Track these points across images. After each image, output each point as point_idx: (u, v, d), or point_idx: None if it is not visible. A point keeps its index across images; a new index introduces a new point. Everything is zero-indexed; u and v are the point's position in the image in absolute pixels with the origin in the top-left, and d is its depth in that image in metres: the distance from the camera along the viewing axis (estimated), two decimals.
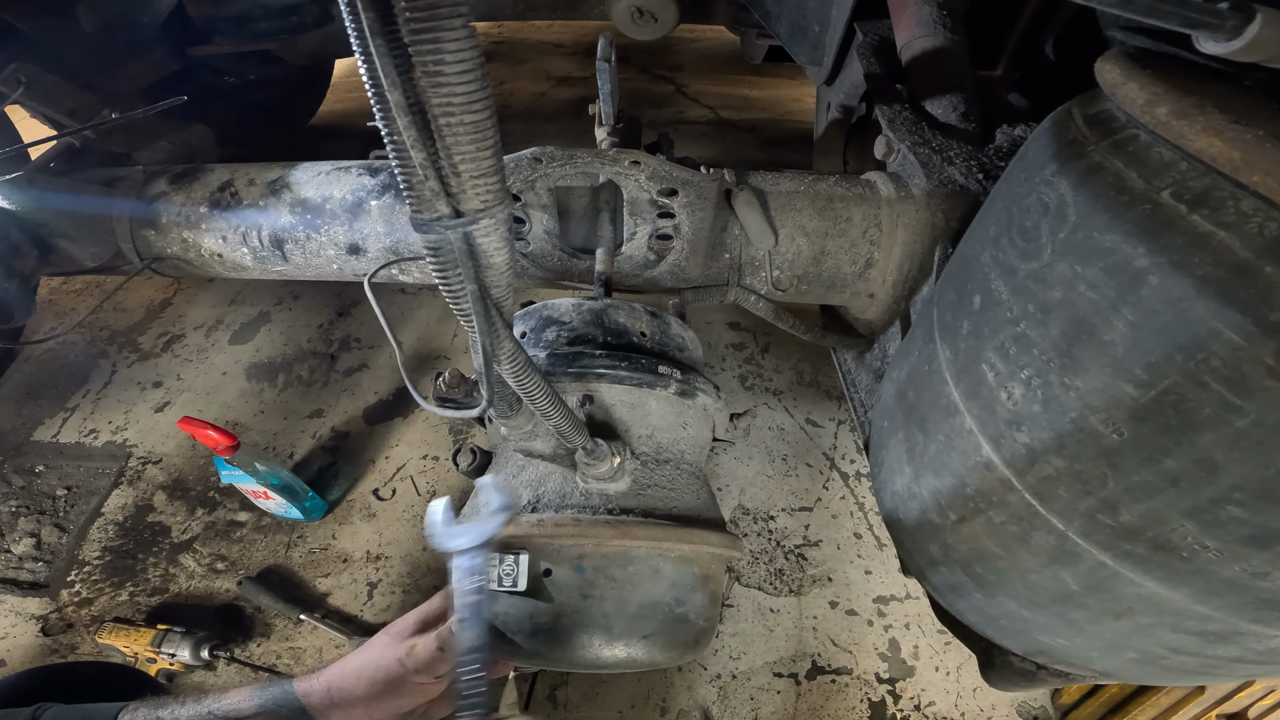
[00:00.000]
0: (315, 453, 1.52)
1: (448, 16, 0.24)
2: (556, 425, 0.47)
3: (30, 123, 1.53)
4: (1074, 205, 0.52)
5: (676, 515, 0.62)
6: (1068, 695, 1.11)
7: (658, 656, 0.60)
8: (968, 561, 0.69)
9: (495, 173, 0.29)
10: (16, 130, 1.45)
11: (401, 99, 0.26)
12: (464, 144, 0.27)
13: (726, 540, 0.64)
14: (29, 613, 1.27)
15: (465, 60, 0.25)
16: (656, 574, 0.59)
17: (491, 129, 0.28)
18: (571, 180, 0.92)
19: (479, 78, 0.26)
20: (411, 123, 0.26)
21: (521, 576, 0.56)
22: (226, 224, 1.11)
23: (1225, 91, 0.48)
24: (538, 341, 0.70)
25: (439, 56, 0.25)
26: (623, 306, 0.72)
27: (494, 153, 0.29)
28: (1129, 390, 0.47)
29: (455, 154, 0.28)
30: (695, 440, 0.71)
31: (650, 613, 0.58)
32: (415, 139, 0.27)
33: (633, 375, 0.64)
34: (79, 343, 1.80)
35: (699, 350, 0.76)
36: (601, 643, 0.57)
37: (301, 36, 1.83)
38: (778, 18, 1.46)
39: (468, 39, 0.25)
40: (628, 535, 0.57)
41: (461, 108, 0.26)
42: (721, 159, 2.44)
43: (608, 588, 0.57)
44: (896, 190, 0.98)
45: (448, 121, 0.26)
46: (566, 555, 0.58)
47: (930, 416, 0.70)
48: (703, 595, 0.62)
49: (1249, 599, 0.49)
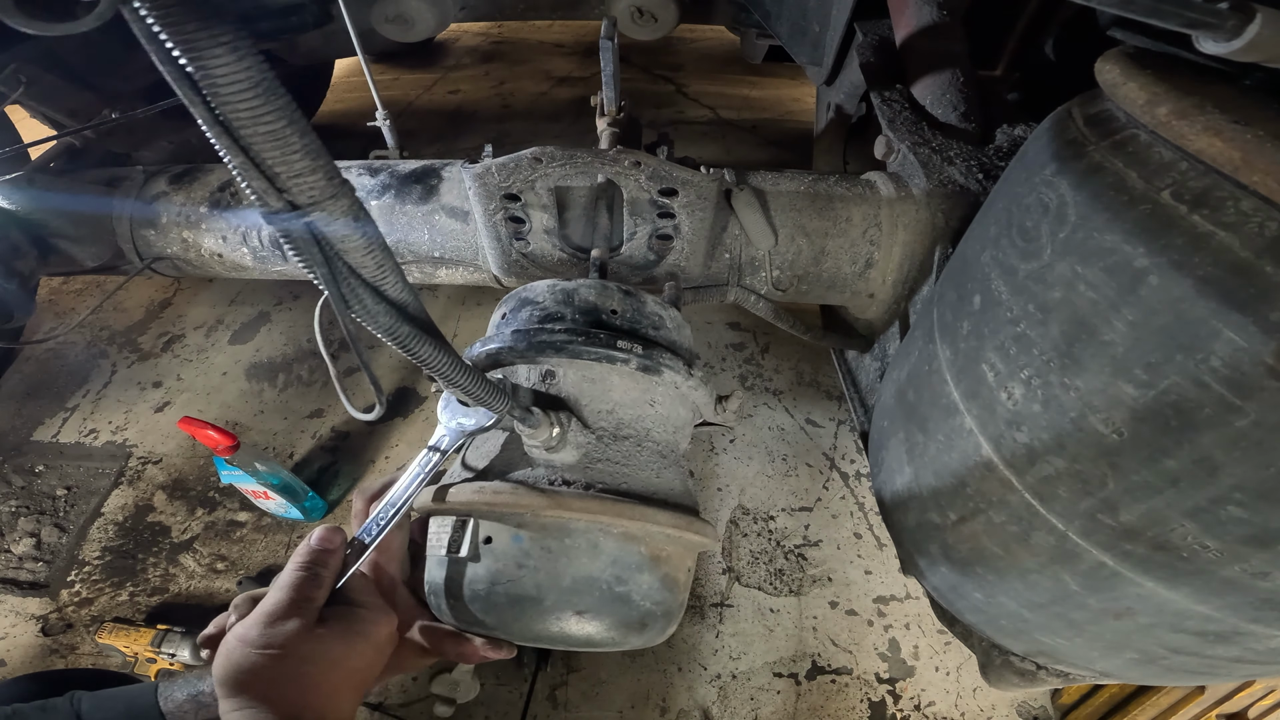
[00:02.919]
0: (315, 453, 1.52)
1: (207, 46, 0.26)
2: (467, 391, 0.48)
3: (30, 123, 1.53)
4: (1074, 205, 0.52)
5: (625, 491, 0.61)
6: (1068, 695, 1.11)
7: (595, 634, 0.59)
8: (968, 561, 0.69)
9: (312, 172, 0.32)
10: (16, 130, 1.45)
11: (206, 114, 0.28)
12: (268, 151, 0.30)
13: (680, 521, 0.61)
14: (29, 613, 1.27)
15: (237, 81, 0.28)
16: (595, 549, 0.58)
17: (294, 135, 0.30)
18: (571, 180, 0.92)
19: (260, 94, 0.28)
20: (222, 132, 0.29)
21: (465, 542, 0.58)
22: (226, 224, 1.11)
23: (1225, 91, 0.48)
24: (512, 321, 0.70)
25: (211, 81, 0.27)
26: (595, 285, 0.71)
27: (303, 155, 0.31)
28: (1129, 390, 0.47)
29: (266, 159, 0.30)
30: (665, 419, 0.69)
31: (585, 588, 0.58)
32: (229, 146, 0.29)
33: (589, 350, 0.63)
34: (79, 343, 1.80)
35: (682, 330, 0.75)
36: (534, 614, 0.57)
37: (301, 36, 1.83)
38: (778, 18, 1.46)
39: (236, 62, 0.27)
40: (561, 506, 0.57)
41: (251, 121, 0.29)
42: (721, 159, 2.44)
43: (542, 558, 0.57)
44: (896, 190, 0.98)
45: (245, 133, 0.29)
46: (508, 524, 0.58)
47: (930, 416, 0.70)
48: (651, 576, 0.60)
49: (1249, 599, 0.49)
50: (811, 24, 1.35)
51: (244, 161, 0.30)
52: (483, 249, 1.06)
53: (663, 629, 0.63)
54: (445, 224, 1.07)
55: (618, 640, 0.60)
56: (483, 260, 1.08)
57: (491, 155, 0.90)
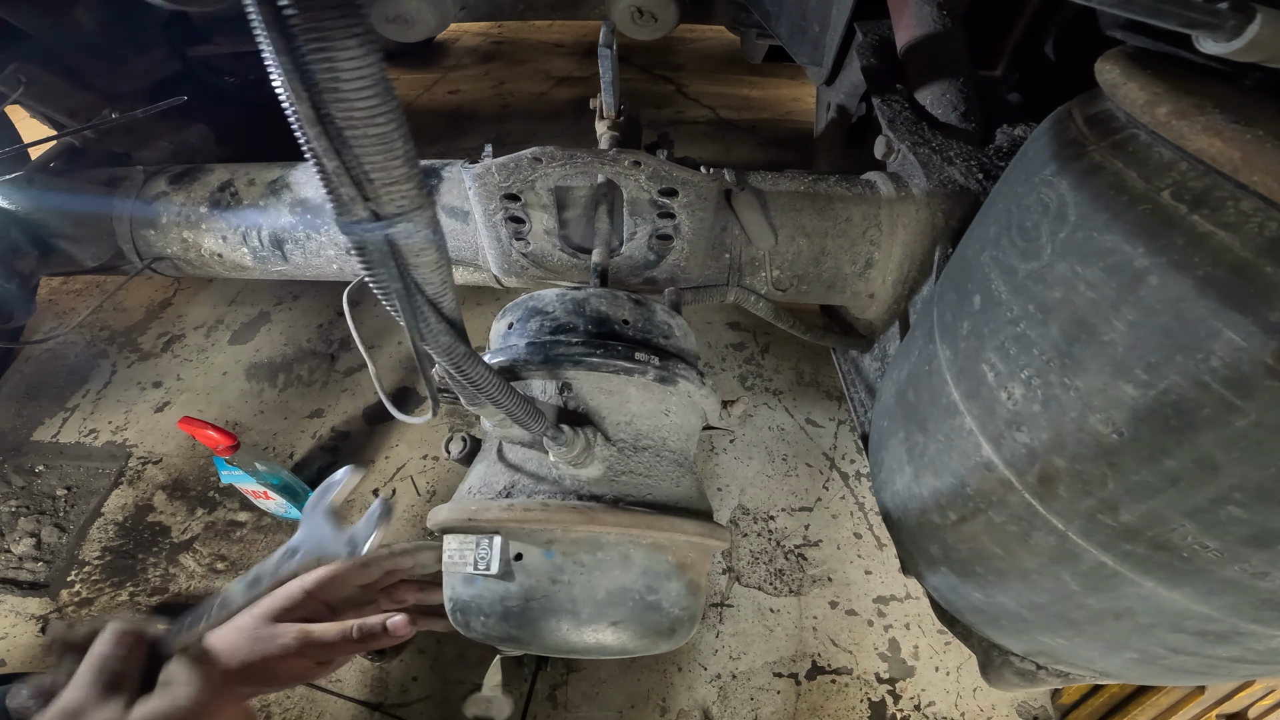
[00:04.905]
0: (315, 453, 1.52)
1: (340, 37, 0.25)
2: (510, 413, 0.48)
3: (30, 123, 1.53)
4: (1074, 205, 0.52)
5: (651, 502, 0.62)
6: (1068, 695, 1.11)
7: (629, 643, 0.60)
8: (968, 561, 0.69)
9: (407, 180, 0.31)
10: (16, 130, 1.45)
11: (309, 112, 0.27)
12: (371, 154, 0.29)
13: (704, 529, 0.62)
14: (29, 613, 1.27)
15: (363, 78, 0.27)
16: (626, 560, 0.59)
17: (399, 140, 0.29)
18: (571, 180, 0.92)
19: (379, 94, 0.28)
20: (321, 133, 0.28)
21: (494, 560, 0.58)
22: (226, 224, 1.11)
23: (1225, 91, 0.48)
24: (523, 332, 0.70)
25: (334, 75, 0.26)
26: (605, 295, 0.72)
27: (404, 162, 0.30)
28: (1129, 390, 0.47)
29: (365, 163, 0.29)
30: (679, 428, 0.70)
31: (620, 599, 0.58)
32: (326, 148, 0.28)
33: (607, 362, 0.64)
34: (79, 343, 1.80)
35: (689, 338, 0.75)
36: (569, 627, 0.58)
37: None
38: (778, 18, 1.46)
39: (364, 57, 0.26)
40: (595, 521, 0.57)
41: (364, 121, 0.28)
42: (721, 159, 2.44)
43: (576, 573, 0.58)
44: (896, 190, 0.98)
45: (352, 134, 0.28)
46: (536, 540, 0.58)
47: (930, 416, 0.70)
48: (678, 584, 0.61)
49: (1249, 599, 0.49)
50: (811, 24, 1.35)
51: (337, 165, 0.29)
52: (483, 249, 1.06)
53: (687, 632, 0.64)
54: (445, 224, 1.07)
55: (648, 647, 0.61)
56: (483, 260, 1.08)
57: (491, 155, 0.90)
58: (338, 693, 1.15)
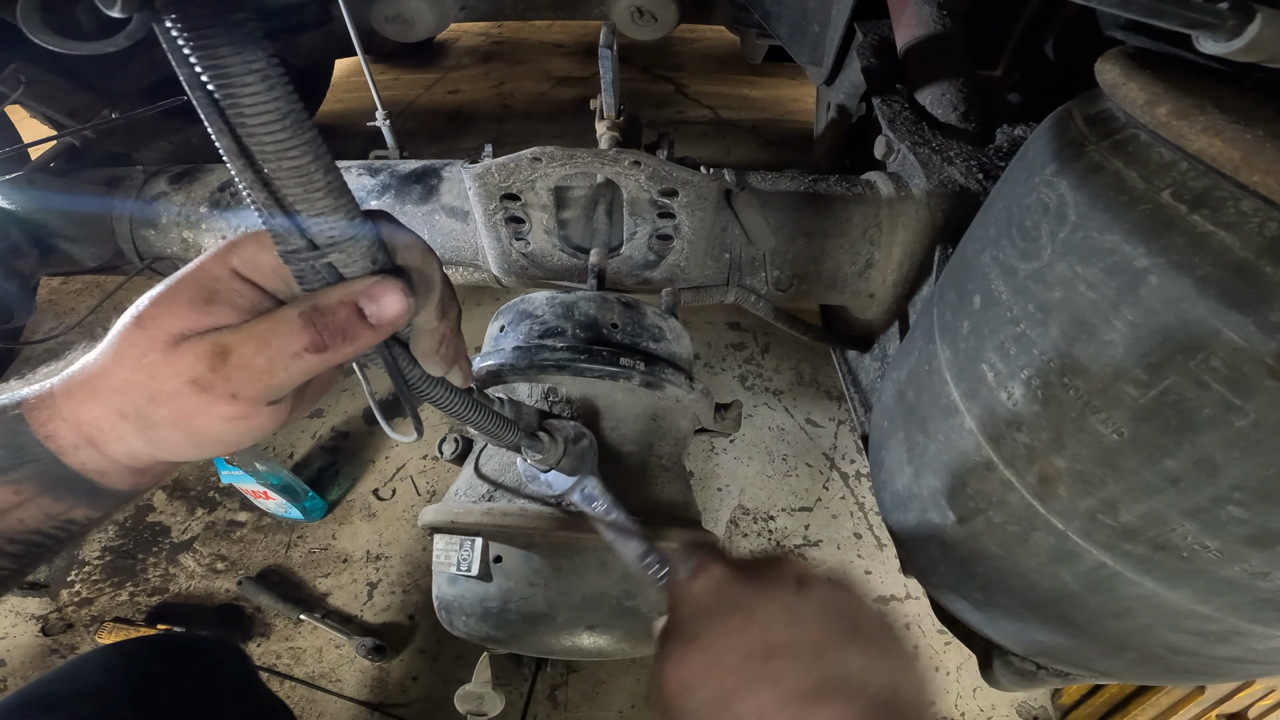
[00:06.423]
0: (315, 453, 1.51)
1: (239, 74, 0.25)
2: (476, 426, 0.48)
3: (30, 123, 1.53)
4: (1074, 205, 0.52)
5: (633, 507, 0.62)
6: (1068, 695, 1.11)
7: (606, 647, 0.60)
8: (968, 561, 0.69)
9: (334, 211, 0.30)
10: (16, 130, 1.45)
11: (231, 145, 0.27)
12: (290, 187, 0.28)
13: (684, 536, 0.62)
14: (29, 612, 1.27)
15: (264, 112, 0.26)
16: (604, 566, 0.59)
17: (318, 172, 0.29)
18: (571, 180, 0.92)
19: (286, 127, 0.27)
20: (245, 165, 0.27)
21: (475, 561, 0.59)
22: (226, 224, 1.11)
23: (1225, 91, 0.48)
24: (513, 335, 0.70)
25: (239, 111, 0.26)
26: (595, 298, 0.72)
27: (325, 193, 0.29)
28: (1129, 390, 0.47)
29: (287, 196, 0.29)
30: (667, 432, 0.70)
31: (597, 604, 0.59)
32: (251, 180, 0.28)
33: (592, 368, 0.64)
34: (79, 343, 1.80)
35: (681, 340, 0.75)
36: (546, 630, 0.58)
37: (301, 36, 1.83)
38: (778, 18, 1.46)
39: (266, 92, 0.26)
40: (571, 527, 0.58)
41: (276, 156, 0.27)
42: (721, 159, 2.44)
43: (553, 577, 0.58)
44: (896, 190, 0.98)
45: (270, 168, 0.28)
46: (516, 543, 0.59)
47: (930, 416, 0.70)
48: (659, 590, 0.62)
49: (1249, 599, 0.49)
50: (811, 24, 1.35)
51: (266, 198, 0.29)
52: (482, 249, 1.06)
53: None
54: (445, 224, 1.07)
55: (628, 650, 0.62)
56: (482, 260, 1.08)
57: (491, 155, 0.90)
58: (337, 693, 1.15)
